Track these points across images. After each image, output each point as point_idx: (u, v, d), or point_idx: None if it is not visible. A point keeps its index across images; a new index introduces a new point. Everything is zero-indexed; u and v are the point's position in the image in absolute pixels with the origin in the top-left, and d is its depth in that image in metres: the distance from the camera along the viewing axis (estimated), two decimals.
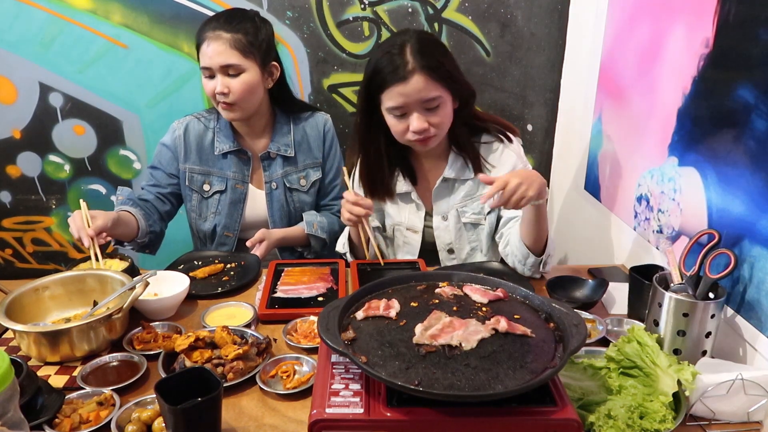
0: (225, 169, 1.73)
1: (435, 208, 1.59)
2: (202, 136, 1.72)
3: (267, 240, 1.65)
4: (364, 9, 1.96)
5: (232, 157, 1.73)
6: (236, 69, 1.57)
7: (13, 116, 2.03)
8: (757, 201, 1.05)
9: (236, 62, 1.56)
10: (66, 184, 2.14)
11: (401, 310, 0.98)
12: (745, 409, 0.94)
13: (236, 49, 1.55)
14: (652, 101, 1.46)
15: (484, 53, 2.06)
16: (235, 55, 1.55)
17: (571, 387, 0.96)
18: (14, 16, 1.92)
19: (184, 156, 1.72)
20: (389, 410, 0.80)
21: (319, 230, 1.75)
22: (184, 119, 1.74)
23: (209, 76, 1.59)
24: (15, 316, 1.12)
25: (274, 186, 1.75)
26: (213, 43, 1.55)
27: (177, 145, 1.72)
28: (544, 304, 1.00)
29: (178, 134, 1.72)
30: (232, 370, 1.02)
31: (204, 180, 1.73)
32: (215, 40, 1.55)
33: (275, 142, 1.73)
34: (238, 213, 1.76)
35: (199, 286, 1.43)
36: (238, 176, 1.73)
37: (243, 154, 1.73)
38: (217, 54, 1.55)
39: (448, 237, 1.58)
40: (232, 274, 1.50)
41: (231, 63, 1.55)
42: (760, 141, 1.04)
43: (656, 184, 1.44)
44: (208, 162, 1.73)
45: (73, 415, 0.93)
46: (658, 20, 1.43)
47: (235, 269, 1.54)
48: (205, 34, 1.56)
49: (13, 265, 2.25)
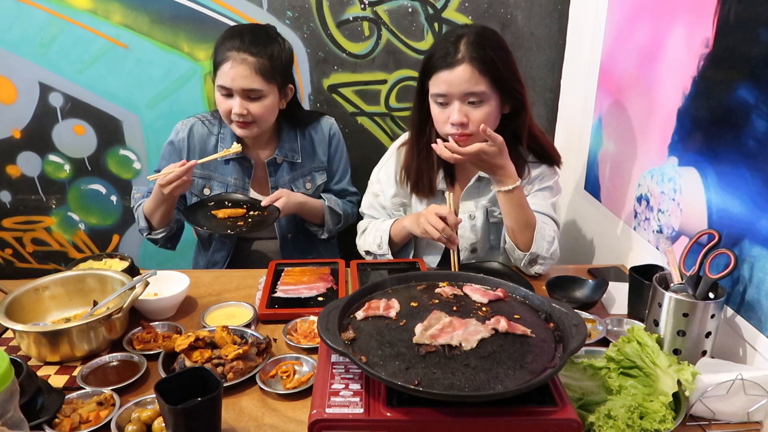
0: (226, 175, 1.73)
1: (462, 207, 1.58)
2: (206, 141, 1.72)
3: (285, 198, 1.64)
4: (364, 9, 1.96)
5: (234, 164, 1.72)
6: (258, 94, 1.56)
7: (13, 116, 2.03)
8: (757, 201, 1.05)
9: (259, 87, 1.55)
10: (66, 184, 2.14)
11: (401, 310, 0.98)
12: (745, 409, 0.94)
13: (260, 74, 1.55)
14: (652, 101, 1.46)
15: None
16: (258, 80, 1.55)
17: (571, 387, 0.96)
18: (14, 16, 1.91)
19: (187, 158, 1.70)
20: (389, 410, 0.80)
21: (336, 206, 1.77)
22: (188, 121, 1.73)
23: (226, 95, 1.58)
24: (15, 316, 1.12)
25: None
26: (237, 67, 1.53)
27: (181, 147, 1.71)
28: (544, 304, 1.00)
29: (182, 136, 1.71)
30: (232, 370, 1.02)
31: (204, 184, 1.73)
32: (240, 63, 1.53)
33: (282, 148, 1.73)
34: None
35: (213, 223, 1.51)
36: (238, 183, 1.73)
37: (246, 161, 1.72)
38: (241, 78, 1.53)
39: (473, 236, 1.58)
40: (249, 222, 1.55)
41: (254, 88, 1.55)
42: (760, 141, 1.04)
43: (656, 184, 1.44)
44: (210, 167, 1.72)
45: (73, 415, 0.93)
46: (658, 20, 1.43)
47: (253, 217, 1.58)
48: (229, 53, 1.54)
49: (13, 265, 2.25)
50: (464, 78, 1.34)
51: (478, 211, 1.56)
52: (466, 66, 1.33)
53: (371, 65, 2.03)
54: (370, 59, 2.02)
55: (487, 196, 1.56)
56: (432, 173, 1.54)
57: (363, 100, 2.08)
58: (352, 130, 2.10)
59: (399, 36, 1.99)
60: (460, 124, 1.37)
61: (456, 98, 1.36)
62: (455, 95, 1.36)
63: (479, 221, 1.57)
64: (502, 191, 1.38)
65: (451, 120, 1.37)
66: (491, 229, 1.59)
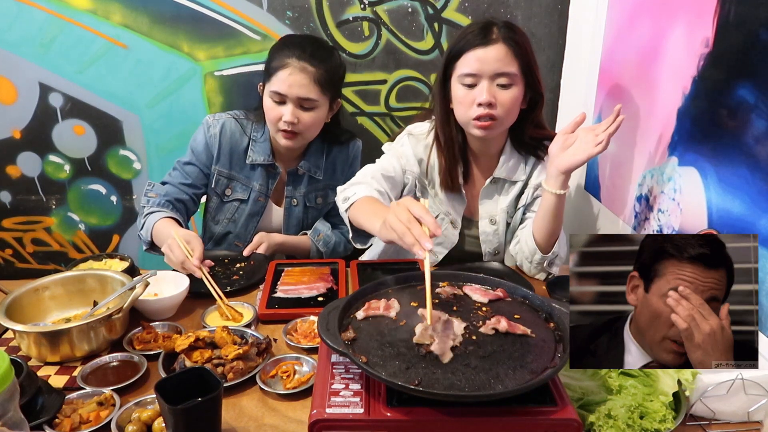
0: (252, 179, 1.71)
1: (480, 210, 1.57)
2: (238, 141, 1.69)
3: (266, 242, 1.64)
4: (364, 9, 1.96)
5: (261, 170, 1.71)
6: (312, 104, 1.57)
7: (13, 116, 2.03)
8: (757, 201, 1.05)
9: (315, 97, 1.56)
10: (66, 184, 2.14)
11: (401, 310, 0.98)
12: (745, 409, 0.94)
13: (318, 84, 1.55)
14: (652, 101, 1.46)
15: None
16: (315, 90, 1.55)
17: (571, 387, 0.96)
18: (14, 16, 1.91)
19: (217, 156, 1.69)
20: (389, 410, 0.80)
21: (322, 243, 1.74)
22: (219, 116, 1.70)
23: (279, 102, 1.57)
24: (15, 316, 1.12)
25: (294, 202, 1.74)
26: (297, 74, 1.53)
27: (212, 144, 1.68)
28: (544, 304, 1.00)
29: (214, 132, 1.67)
30: (232, 370, 1.02)
31: (227, 184, 1.71)
32: (300, 71, 1.53)
33: (307, 161, 1.72)
34: (252, 225, 1.75)
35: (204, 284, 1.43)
36: (262, 189, 1.72)
37: (273, 168, 1.71)
38: (299, 86, 1.53)
39: (496, 240, 1.58)
40: (241, 274, 1.51)
41: (310, 97, 1.55)
42: (760, 141, 1.04)
43: (656, 184, 1.44)
44: (237, 168, 1.70)
45: (73, 415, 0.93)
46: (658, 20, 1.43)
47: (244, 269, 1.53)
48: (288, 60, 1.54)
49: (13, 265, 2.25)
50: (498, 56, 1.35)
51: (499, 215, 1.56)
52: (501, 45, 1.36)
53: (371, 65, 2.03)
54: (370, 59, 2.02)
55: (506, 200, 1.56)
56: (456, 167, 1.52)
57: (363, 100, 2.08)
58: (352, 131, 2.10)
59: (399, 36, 1.99)
60: (488, 104, 1.36)
61: (486, 78, 1.36)
62: (486, 74, 1.36)
63: (501, 225, 1.57)
64: (558, 194, 1.37)
65: (478, 99, 1.36)
66: (509, 232, 1.60)
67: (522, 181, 1.55)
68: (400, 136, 1.60)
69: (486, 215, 1.57)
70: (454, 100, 1.43)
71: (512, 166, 1.54)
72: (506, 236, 1.60)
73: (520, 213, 1.58)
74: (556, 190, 1.36)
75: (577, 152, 1.32)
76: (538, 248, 1.43)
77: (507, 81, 1.36)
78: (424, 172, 1.56)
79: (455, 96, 1.42)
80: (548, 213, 1.39)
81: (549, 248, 1.43)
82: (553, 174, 1.36)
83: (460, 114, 1.43)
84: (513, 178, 1.55)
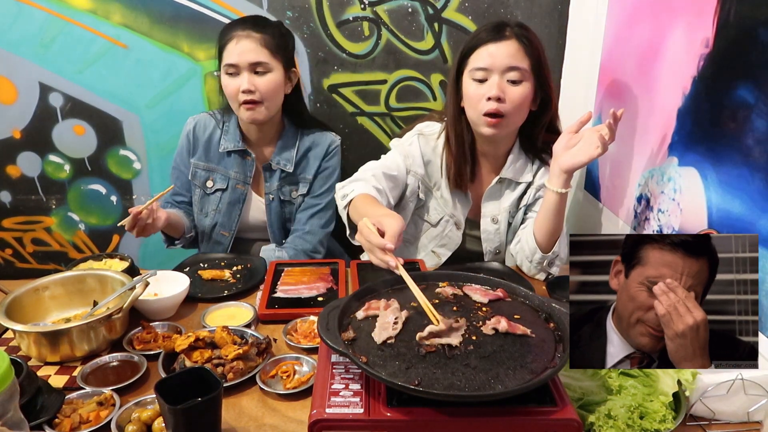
0: (228, 168, 1.74)
1: (483, 210, 1.58)
2: (212, 133, 1.75)
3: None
4: (364, 9, 1.96)
5: (235, 157, 1.74)
6: (264, 67, 1.59)
7: (13, 116, 2.03)
8: (757, 201, 1.05)
9: (265, 60, 1.58)
10: (66, 184, 2.14)
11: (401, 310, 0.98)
12: (745, 409, 0.94)
13: (266, 47, 1.59)
14: (652, 101, 1.46)
15: None
16: (264, 53, 1.58)
17: (571, 387, 0.96)
18: (14, 16, 1.91)
19: (192, 150, 1.76)
20: (389, 410, 0.80)
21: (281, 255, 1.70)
22: (198, 115, 1.78)
23: (233, 74, 1.60)
24: (15, 316, 1.12)
25: (271, 198, 1.76)
26: (243, 41, 1.57)
27: (189, 140, 1.76)
28: (544, 304, 1.00)
29: (188, 129, 1.76)
30: (232, 370, 1.02)
31: (207, 176, 1.75)
32: (245, 38, 1.58)
33: (278, 155, 1.73)
34: (236, 214, 1.76)
35: (205, 288, 1.42)
36: (239, 176, 1.74)
37: (247, 155, 1.73)
38: (248, 51, 1.57)
39: (498, 239, 1.58)
40: (238, 277, 1.50)
41: (260, 60, 1.58)
42: (760, 141, 1.04)
43: (656, 184, 1.44)
44: (213, 159, 1.75)
45: (73, 415, 0.93)
46: (658, 20, 1.43)
47: (241, 272, 1.52)
48: (233, 33, 1.59)
49: (13, 265, 2.25)
50: (511, 52, 1.38)
51: (501, 215, 1.56)
52: (514, 41, 1.39)
53: (371, 65, 2.03)
54: (370, 59, 2.02)
55: (508, 200, 1.56)
56: (465, 165, 1.53)
57: (363, 100, 2.08)
58: (352, 130, 2.10)
59: (399, 36, 1.99)
60: (497, 98, 1.38)
61: (497, 72, 1.38)
62: (497, 68, 1.38)
63: (502, 225, 1.57)
64: (559, 192, 1.37)
65: (488, 94, 1.38)
66: (510, 232, 1.60)
67: (527, 182, 1.55)
68: (410, 134, 1.59)
69: (488, 214, 1.57)
70: (465, 97, 1.45)
71: (519, 167, 1.54)
72: (507, 236, 1.60)
73: (522, 213, 1.58)
74: (558, 188, 1.36)
75: (579, 153, 1.32)
76: (539, 247, 1.43)
77: (517, 76, 1.38)
78: (430, 174, 1.56)
79: (466, 92, 1.44)
80: (549, 212, 1.39)
81: (549, 248, 1.43)
82: (556, 172, 1.36)
83: (471, 111, 1.45)
84: (519, 179, 1.55)
